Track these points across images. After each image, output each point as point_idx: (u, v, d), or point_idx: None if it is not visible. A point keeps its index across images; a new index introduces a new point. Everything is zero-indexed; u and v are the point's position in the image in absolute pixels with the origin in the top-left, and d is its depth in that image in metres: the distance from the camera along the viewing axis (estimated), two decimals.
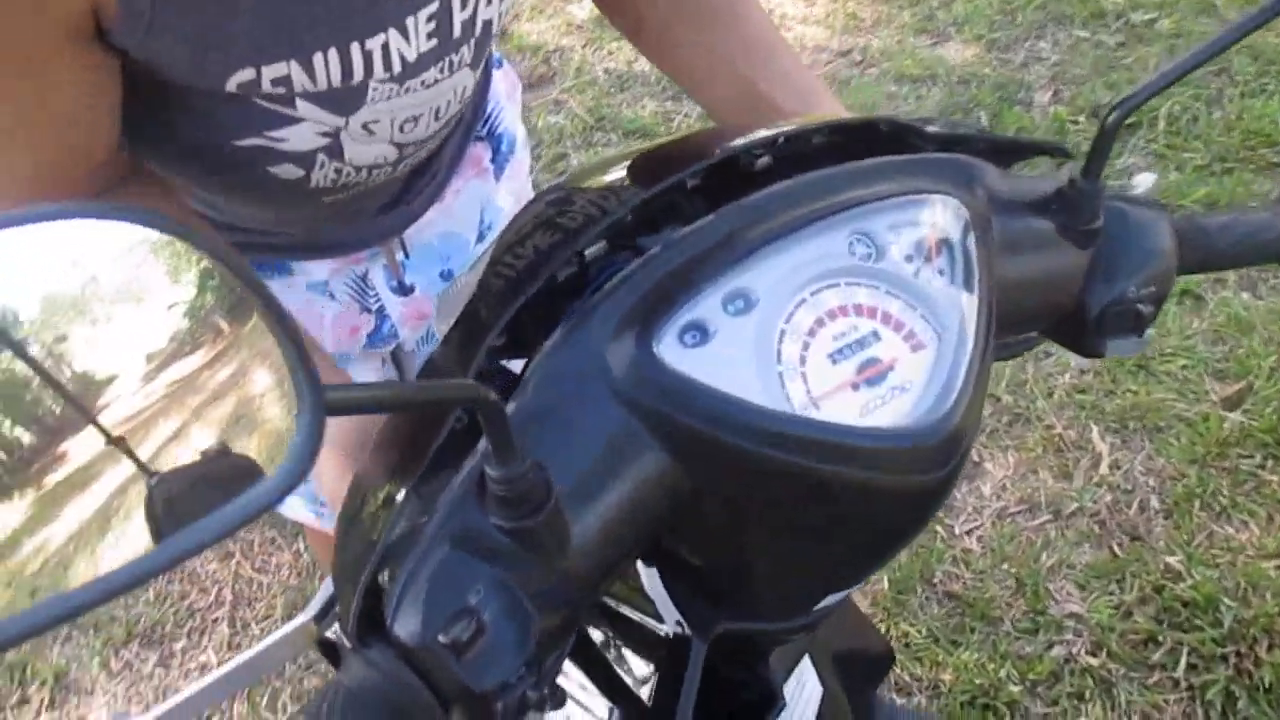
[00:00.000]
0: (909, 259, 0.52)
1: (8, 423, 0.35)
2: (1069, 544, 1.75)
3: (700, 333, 0.47)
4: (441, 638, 0.41)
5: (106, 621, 1.90)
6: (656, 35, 0.83)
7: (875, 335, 0.50)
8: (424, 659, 0.41)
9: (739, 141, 0.58)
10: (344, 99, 0.66)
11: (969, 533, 1.80)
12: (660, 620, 0.59)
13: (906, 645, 1.65)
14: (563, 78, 3.08)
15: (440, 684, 0.42)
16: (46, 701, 1.81)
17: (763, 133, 0.57)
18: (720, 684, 0.60)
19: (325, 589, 0.55)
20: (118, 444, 0.36)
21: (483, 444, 0.39)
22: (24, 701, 1.82)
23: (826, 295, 0.50)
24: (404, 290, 0.99)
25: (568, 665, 0.67)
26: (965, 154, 0.57)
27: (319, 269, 0.92)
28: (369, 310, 0.98)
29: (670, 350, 0.46)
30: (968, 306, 0.52)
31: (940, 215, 0.53)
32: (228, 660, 0.50)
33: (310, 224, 0.87)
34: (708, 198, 0.52)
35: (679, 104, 2.90)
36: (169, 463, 0.36)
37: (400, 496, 0.44)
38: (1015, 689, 1.58)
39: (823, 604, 0.60)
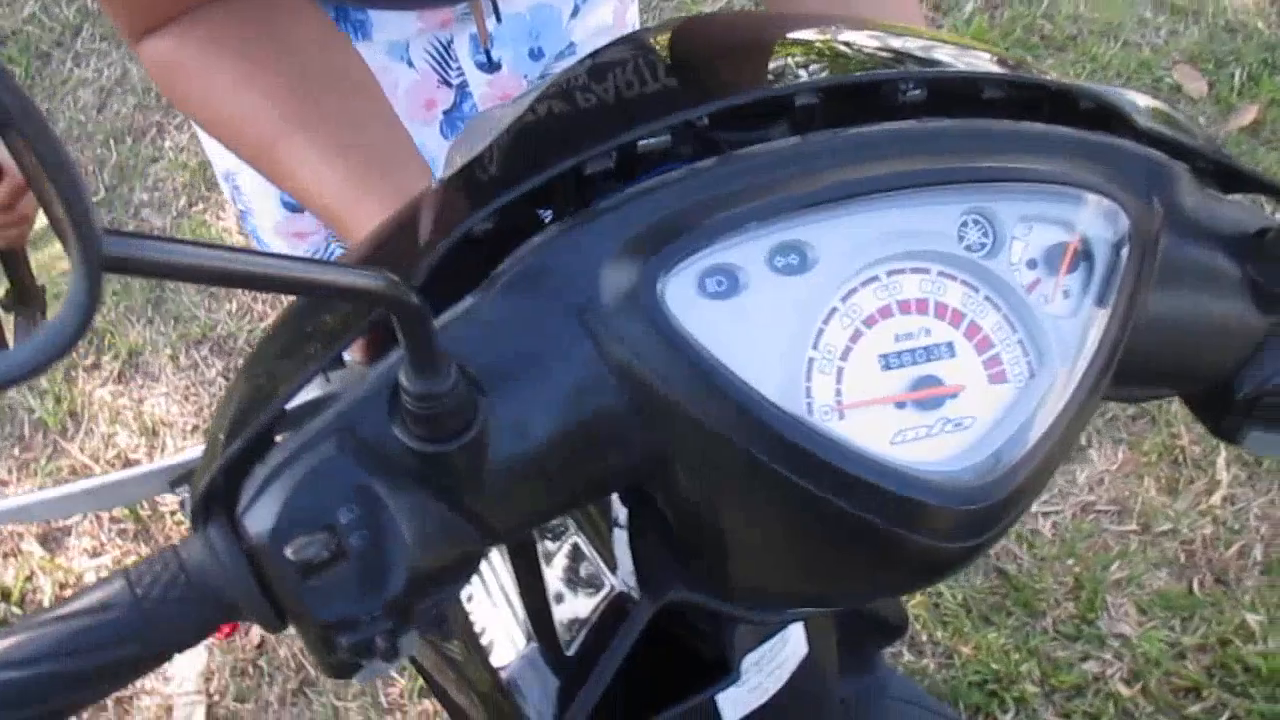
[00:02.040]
0: (1031, 265, 0.40)
1: None
2: (1147, 563, 1.61)
3: (729, 281, 0.37)
4: (289, 551, 0.34)
5: (187, 317, 1.94)
6: None
7: (949, 349, 0.39)
8: (266, 565, 0.34)
9: (892, 46, 0.46)
10: None
11: (1045, 514, 1.67)
12: (612, 567, 0.52)
13: (936, 606, 1.56)
14: None
15: (279, 595, 0.35)
16: (115, 374, 1.88)
17: (928, 52, 0.45)
18: (667, 630, 0.53)
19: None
20: None
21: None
22: (96, 367, 1.89)
23: (906, 280, 0.39)
24: (490, 66, 0.90)
25: (501, 567, 0.61)
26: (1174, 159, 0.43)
27: (402, 26, 0.83)
28: (449, 84, 0.89)
29: (679, 293, 0.36)
30: (1086, 344, 0.40)
31: (1093, 220, 0.41)
32: (90, 477, 0.45)
33: None
34: (823, 102, 0.41)
35: None
36: None
37: (311, 361, 0.36)
38: (1031, 688, 1.49)
39: (800, 610, 0.51)
